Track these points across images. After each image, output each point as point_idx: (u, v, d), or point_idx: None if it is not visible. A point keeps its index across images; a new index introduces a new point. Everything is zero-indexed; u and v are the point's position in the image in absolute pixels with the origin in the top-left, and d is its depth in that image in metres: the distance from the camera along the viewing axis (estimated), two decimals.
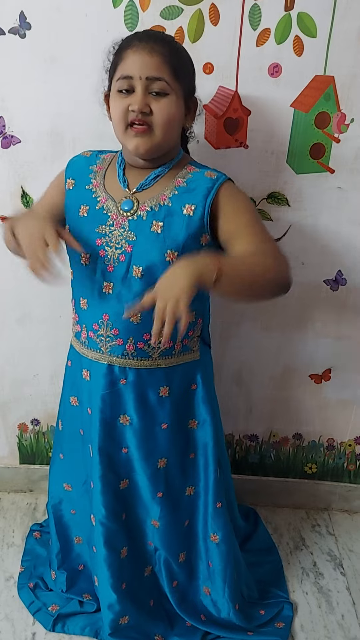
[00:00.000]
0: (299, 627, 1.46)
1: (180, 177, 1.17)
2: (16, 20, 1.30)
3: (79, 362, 1.30)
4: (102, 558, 1.32)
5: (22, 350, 1.65)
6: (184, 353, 1.27)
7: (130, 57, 1.08)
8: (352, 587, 1.58)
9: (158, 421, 1.28)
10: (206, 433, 1.33)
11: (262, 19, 1.28)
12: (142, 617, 1.37)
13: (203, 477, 1.36)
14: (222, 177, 1.16)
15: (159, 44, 1.08)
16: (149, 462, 1.30)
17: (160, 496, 1.32)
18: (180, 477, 1.34)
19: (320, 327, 1.60)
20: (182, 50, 1.15)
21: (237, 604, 1.40)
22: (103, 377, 1.25)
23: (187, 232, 1.14)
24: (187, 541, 1.39)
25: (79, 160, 1.26)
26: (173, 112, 1.10)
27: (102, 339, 1.23)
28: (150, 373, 1.24)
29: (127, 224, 1.16)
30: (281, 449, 1.76)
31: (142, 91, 1.08)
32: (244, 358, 1.64)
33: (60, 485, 1.46)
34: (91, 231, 1.18)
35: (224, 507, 1.38)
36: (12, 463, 1.82)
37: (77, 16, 1.28)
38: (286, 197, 1.45)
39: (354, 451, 1.76)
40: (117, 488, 1.32)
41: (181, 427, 1.32)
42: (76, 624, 1.42)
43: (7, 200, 1.47)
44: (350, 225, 1.47)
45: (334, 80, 1.32)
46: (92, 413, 1.29)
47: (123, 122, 1.11)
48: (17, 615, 1.46)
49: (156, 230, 1.14)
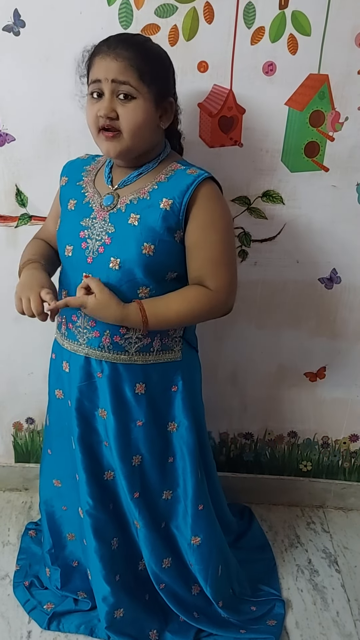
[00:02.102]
0: (293, 624, 1.46)
1: (163, 174, 1.18)
2: (10, 18, 1.29)
3: (61, 354, 1.32)
4: (93, 550, 1.32)
5: (17, 349, 1.65)
6: (163, 352, 1.27)
7: (98, 62, 1.11)
8: (346, 584, 1.58)
9: (133, 417, 1.28)
10: (185, 437, 1.32)
11: (256, 17, 1.28)
12: (137, 611, 1.37)
13: (182, 482, 1.35)
14: (203, 174, 1.17)
15: (125, 49, 1.09)
16: (124, 459, 1.30)
17: (137, 497, 1.32)
18: (157, 480, 1.34)
19: (315, 326, 1.60)
20: (153, 53, 1.13)
21: (220, 601, 1.41)
22: (80, 369, 1.26)
23: (162, 225, 1.15)
24: (169, 545, 1.39)
25: (76, 161, 1.31)
26: (140, 116, 1.11)
27: (80, 330, 1.24)
28: (126, 368, 1.25)
29: (107, 216, 1.18)
30: (276, 447, 1.77)
31: (109, 95, 1.10)
32: (239, 357, 1.64)
33: (50, 482, 1.46)
34: (76, 224, 1.21)
35: (207, 508, 1.38)
36: (7, 462, 1.82)
37: (72, 14, 1.28)
38: (281, 196, 1.45)
39: (349, 449, 1.76)
40: (101, 478, 1.32)
41: (159, 428, 1.32)
42: (71, 622, 1.42)
43: (1, 198, 1.47)
44: (345, 223, 1.47)
45: (329, 79, 1.33)
46: (71, 404, 1.30)
47: (95, 127, 1.14)
48: (12, 613, 1.46)
49: (133, 222, 1.16)
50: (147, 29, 1.29)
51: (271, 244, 1.50)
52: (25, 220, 1.49)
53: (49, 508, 1.48)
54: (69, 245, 1.22)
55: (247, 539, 1.67)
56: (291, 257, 1.51)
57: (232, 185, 1.43)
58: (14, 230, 1.50)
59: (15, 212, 1.49)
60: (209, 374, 1.50)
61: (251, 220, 1.47)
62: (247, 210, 1.46)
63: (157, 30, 1.29)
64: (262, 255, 1.51)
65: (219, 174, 1.36)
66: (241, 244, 1.50)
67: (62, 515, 1.47)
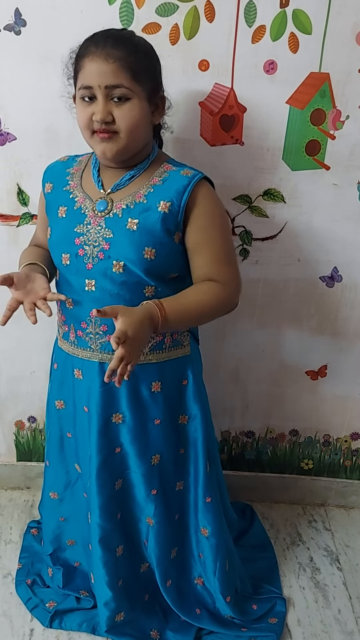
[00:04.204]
0: (295, 622, 1.46)
1: (157, 176, 1.17)
2: (11, 17, 1.29)
3: (70, 363, 1.30)
4: (98, 557, 1.32)
5: (19, 348, 1.65)
6: (174, 347, 1.28)
7: (87, 65, 1.08)
8: (348, 582, 1.58)
9: (151, 417, 1.29)
10: (196, 428, 1.33)
11: (257, 16, 1.28)
12: (137, 612, 1.38)
13: (193, 472, 1.36)
14: (198, 174, 1.16)
15: (115, 48, 1.07)
16: (143, 459, 1.30)
17: (155, 493, 1.33)
18: (172, 473, 1.35)
19: (316, 324, 1.60)
20: (142, 48, 1.12)
21: (228, 596, 1.41)
22: (96, 375, 1.25)
23: (162, 228, 1.14)
24: (179, 535, 1.40)
25: (56, 165, 1.28)
26: (136, 116, 1.10)
27: (92, 336, 1.23)
28: (142, 368, 1.25)
29: (103, 222, 1.17)
30: (278, 445, 1.77)
31: (103, 100, 1.09)
32: (240, 355, 1.64)
33: (47, 494, 1.47)
34: (70, 231, 1.19)
35: (215, 501, 1.38)
36: (9, 460, 1.82)
37: (73, 13, 1.28)
38: (282, 194, 1.45)
39: (350, 447, 1.76)
40: (112, 489, 1.32)
41: (173, 423, 1.32)
42: (73, 620, 1.43)
43: (3, 197, 1.47)
44: (346, 221, 1.47)
45: (329, 77, 1.33)
46: (89, 412, 1.28)
47: (88, 129, 1.12)
48: (15, 611, 1.46)
49: (132, 227, 1.15)
50: (148, 28, 1.29)
51: (272, 242, 1.50)
52: (26, 219, 1.49)
53: (47, 517, 1.50)
54: (65, 254, 1.20)
55: (248, 537, 1.68)
56: (292, 255, 1.51)
57: (233, 184, 1.43)
58: (16, 230, 1.50)
59: (17, 212, 1.49)
60: (210, 373, 1.50)
61: (252, 219, 1.47)
62: (248, 208, 1.46)
63: (158, 29, 1.29)
64: (263, 254, 1.51)
65: (220, 173, 1.37)
66: (242, 243, 1.50)
67: (60, 526, 1.48)
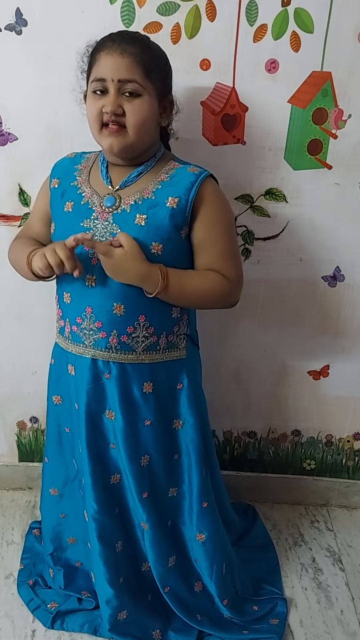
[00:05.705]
0: (298, 623, 1.46)
1: (164, 173, 1.19)
2: (12, 17, 1.29)
3: (65, 358, 1.31)
4: (97, 553, 1.32)
5: (21, 348, 1.65)
6: (169, 350, 1.27)
7: (103, 59, 1.11)
8: (351, 582, 1.58)
9: (141, 417, 1.28)
10: (190, 434, 1.33)
11: (259, 15, 1.27)
12: (140, 612, 1.37)
13: (187, 478, 1.36)
14: (204, 172, 1.19)
15: (130, 45, 1.10)
16: (133, 460, 1.29)
17: (146, 497, 1.32)
18: (164, 478, 1.34)
19: (319, 324, 1.60)
20: (155, 50, 1.15)
21: (225, 599, 1.41)
22: (87, 371, 1.25)
23: (170, 223, 1.16)
24: (175, 544, 1.39)
25: (64, 161, 1.29)
26: (146, 113, 1.12)
27: (86, 332, 1.23)
28: (134, 368, 1.25)
29: (111, 217, 1.18)
30: (280, 446, 1.76)
31: (115, 93, 1.11)
32: (242, 355, 1.64)
33: (47, 490, 1.47)
34: (76, 225, 1.20)
35: (211, 506, 1.38)
36: (11, 461, 1.82)
37: (74, 13, 1.28)
38: (284, 194, 1.44)
39: (353, 447, 1.76)
40: (107, 483, 1.32)
41: (165, 426, 1.32)
42: (75, 621, 1.42)
43: (4, 198, 1.47)
44: (348, 221, 1.47)
45: (331, 76, 1.32)
46: (79, 408, 1.29)
47: (98, 123, 1.14)
48: (17, 612, 1.46)
49: (140, 222, 1.16)
50: (149, 27, 1.29)
51: (274, 242, 1.50)
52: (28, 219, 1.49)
53: (47, 514, 1.49)
54: None
55: (250, 537, 1.67)
56: (294, 255, 1.51)
57: (235, 183, 1.43)
58: (17, 230, 1.50)
59: (18, 212, 1.49)
60: (212, 373, 1.50)
61: (254, 219, 1.47)
62: (250, 208, 1.46)
63: (159, 28, 1.29)
64: (265, 254, 1.51)
65: (222, 172, 1.36)
66: (244, 242, 1.50)
67: (61, 523, 1.47)
